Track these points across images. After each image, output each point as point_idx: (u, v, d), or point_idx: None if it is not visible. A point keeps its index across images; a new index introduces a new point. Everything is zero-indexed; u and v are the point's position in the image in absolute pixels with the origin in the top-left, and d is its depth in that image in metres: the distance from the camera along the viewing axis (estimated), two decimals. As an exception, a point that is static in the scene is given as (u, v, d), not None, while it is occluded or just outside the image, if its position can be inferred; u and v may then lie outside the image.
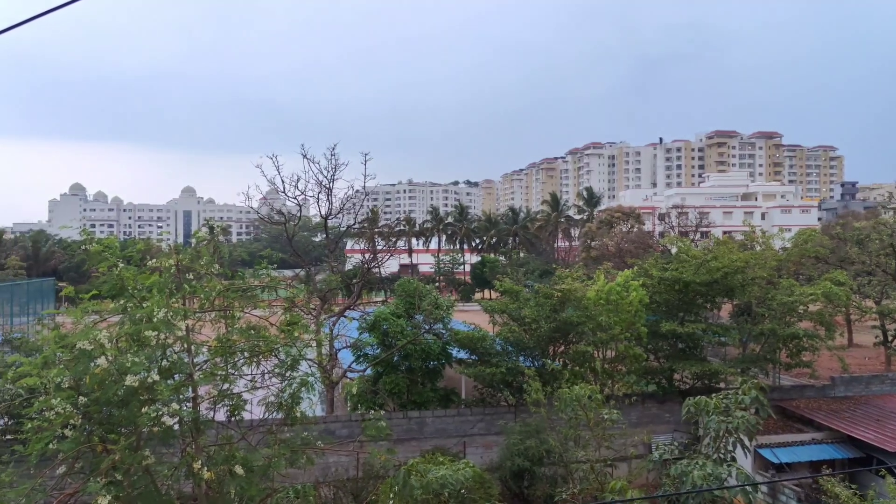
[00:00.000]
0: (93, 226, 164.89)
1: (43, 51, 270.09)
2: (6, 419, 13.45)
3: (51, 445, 6.37)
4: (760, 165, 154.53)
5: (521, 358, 18.72)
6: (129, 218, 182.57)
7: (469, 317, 24.27)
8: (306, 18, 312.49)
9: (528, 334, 18.56)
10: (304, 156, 19.79)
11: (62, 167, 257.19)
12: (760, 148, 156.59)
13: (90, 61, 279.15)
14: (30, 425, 6.65)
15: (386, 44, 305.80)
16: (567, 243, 75.84)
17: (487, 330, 19.51)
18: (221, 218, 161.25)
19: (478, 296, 62.61)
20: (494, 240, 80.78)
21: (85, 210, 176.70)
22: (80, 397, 6.50)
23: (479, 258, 72.45)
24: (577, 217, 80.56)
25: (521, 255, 75.64)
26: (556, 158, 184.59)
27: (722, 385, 19.71)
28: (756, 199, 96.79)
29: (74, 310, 7.23)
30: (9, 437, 11.40)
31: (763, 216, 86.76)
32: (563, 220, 78.49)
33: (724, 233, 55.21)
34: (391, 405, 18.63)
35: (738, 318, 21.72)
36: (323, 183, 19.98)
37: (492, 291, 53.83)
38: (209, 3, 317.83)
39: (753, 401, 11.80)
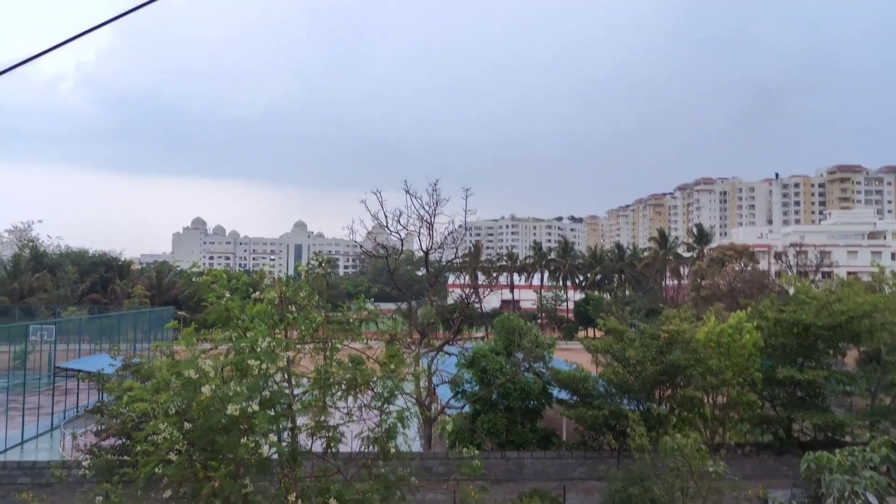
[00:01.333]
0: (211, 258, 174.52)
1: (165, 95, 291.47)
2: (122, 440, 14.20)
3: (157, 469, 6.57)
4: (889, 202, 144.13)
5: (625, 400, 18.00)
6: (245, 250, 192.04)
7: (571, 356, 23.70)
8: (409, 55, 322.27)
9: (633, 376, 17.85)
10: (407, 191, 20.14)
11: (185, 203, 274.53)
12: (889, 183, 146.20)
13: (212, 105, 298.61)
14: (139, 448, 6.91)
15: (485, 76, 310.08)
16: (675, 282, 73.19)
17: (590, 370, 18.93)
18: (329, 251, 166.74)
19: (581, 334, 61.29)
20: (599, 277, 79.10)
21: (205, 243, 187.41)
22: (186, 423, 6.69)
23: (583, 295, 71.06)
24: (687, 255, 77.72)
25: (627, 293, 73.59)
26: (664, 194, 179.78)
27: (848, 439, 18.16)
28: (885, 237, 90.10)
29: (184, 338, 7.52)
30: (123, 458, 11.98)
31: (893, 256, 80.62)
32: (671, 257, 75.93)
33: (849, 273, 51.61)
34: (489, 444, 18.32)
35: (866, 366, 20.07)
36: (424, 217, 20.23)
37: (595, 330, 52.57)
38: (323, 49, 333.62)
39: (884, 459, 10.73)
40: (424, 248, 20.65)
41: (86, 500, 6.86)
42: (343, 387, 7.70)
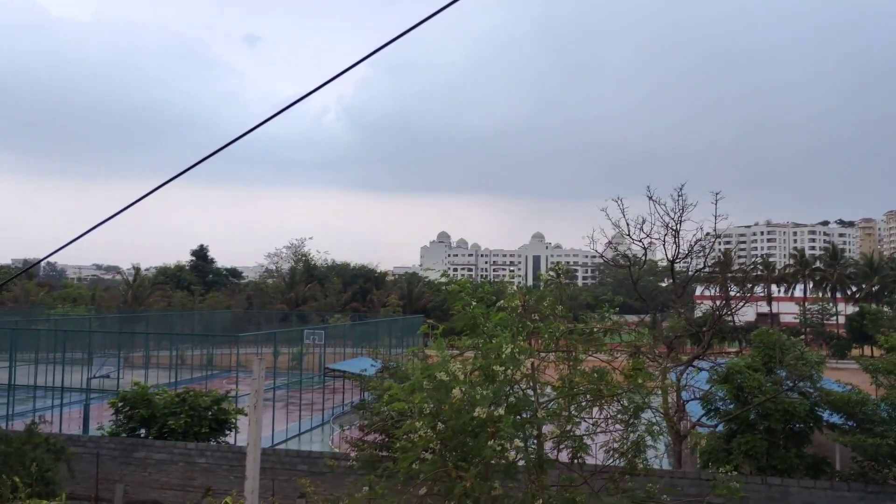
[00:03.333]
0: (455, 269, 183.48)
1: (409, 118, 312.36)
2: (383, 436, 15.40)
3: (414, 465, 6.99)
4: None
5: (915, 429, 15.55)
6: (486, 262, 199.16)
7: (844, 376, 21.08)
8: (643, 63, 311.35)
9: (925, 401, 15.38)
10: (650, 197, 19.40)
11: (431, 218, 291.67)
12: None
13: (450, 124, 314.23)
14: (398, 444, 7.42)
15: (724, 69, 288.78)
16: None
17: (869, 392, 16.67)
18: (567, 262, 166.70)
19: (855, 352, 54.39)
20: (876, 287, 69.68)
21: (449, 255, 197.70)
22: (439, 423, 7.04)
23: (857, 308, 63.03)
24: None
25: (912, 306, 63.92)
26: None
27: None
28: None
29: (435, 344, 7.95)
30: (384, 453, 12.93)
31: None
32: (970, 264, 64.60)
33: None
34: (747, 468, 16.90)
35: None
36: (669, 225, 19.31)
37: (873, 348, 46.29)
38: (554, 60, 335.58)
39: None
40: (669, 257, 19.71)
41: (353, 489, 7.51)
42: (588, 397, 7.59)
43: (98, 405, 25.00)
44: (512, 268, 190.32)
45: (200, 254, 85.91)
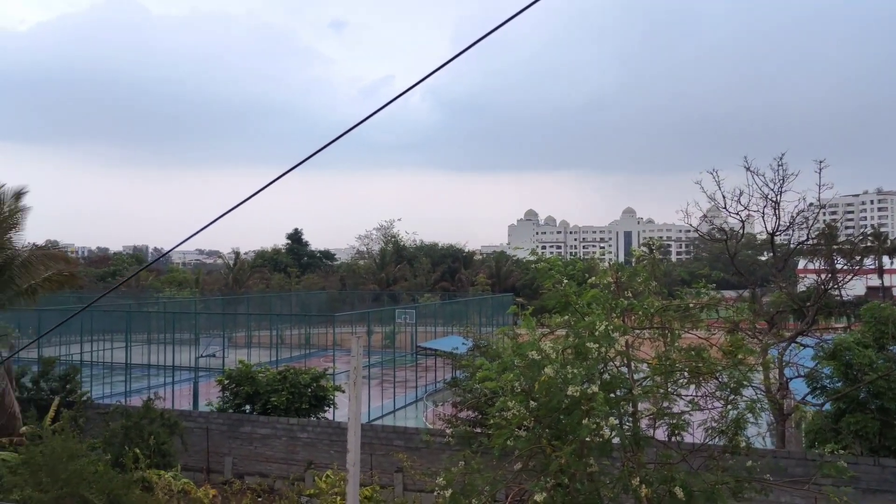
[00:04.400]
0: (543, 247, 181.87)
1: (492, 96, 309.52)
2: (476, 413, 15.61)
3: (508, 442, 7.08)
4: None
5: None
6: (575, 239, 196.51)
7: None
8: (737, 31, 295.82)
9: None
10: (748, 168, 18.60)
11: (518, 196, 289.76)
12: None
13: (535, 101, 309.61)
14: (492, 421, 7.52)
15: (830, 24, 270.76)
16: None
17: None
18: (660, 237, 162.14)
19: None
20: None
21: (537, 233, 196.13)
22: (531, 401, 7.09)
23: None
24: None
25: None
26: None
27: None
28: None
29: (526, 322, 7.98)
30: (477, 430, 13.13)
31: None
32: None
33: None
34: (858, 448, 16.13)
35: None
36: (769, 196, 18.48)
37: None
38: (641, 28, 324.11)
39: None
40: (769, 229, 18.88)
41: (450, 463, 7.68)
42: (685, 374, 7.45)
43: (206, 382, 26.44)
44: (602, 244, 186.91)
45: (295, 237, 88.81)
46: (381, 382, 30.26)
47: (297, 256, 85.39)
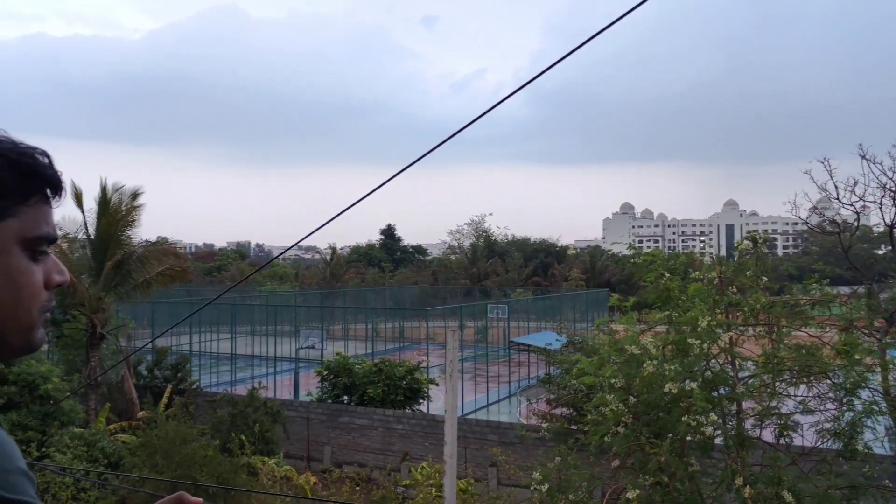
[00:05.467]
0: (640, 241, 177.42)
1: (587, 87, 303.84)
2: (571, 410, 15.44)
3: (606, 438, 6.98)
4: None
5: None
6: (674, 233, 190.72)
7: None
8: (851, 13, 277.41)
9: None
10: (863, 156, 17.46)
11: (613, 188, 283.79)
12: None
13: (633, 90, 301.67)
14: (589, 418, 7.43)
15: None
16: None
17: None
18: (765, 230, 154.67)
19: None
20: None
21: (633, 227, 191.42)
22: (631, 398, 6.95)
23: None
24: None
25: None
26: None
27: None
28: None
29: (624, 318, 7.82)
30: (573, 426, 12.99)
31: None
32: None
33: None
34: None
35: None
36: (887, 185, 17.29)
37: None
38: (749, 11, 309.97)
39: None
40: (888, 221, 17.68)
41: (545, 458, 7.65)
42: (795, 373, 7.11)
43: (305, 373, 27.35)
44: (703, 238, 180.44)
45: (388, 233, 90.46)
46: (473, 377, 30.39)
47: (390, 251, 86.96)
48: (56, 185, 0.93)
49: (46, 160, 0.92)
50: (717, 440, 6.99)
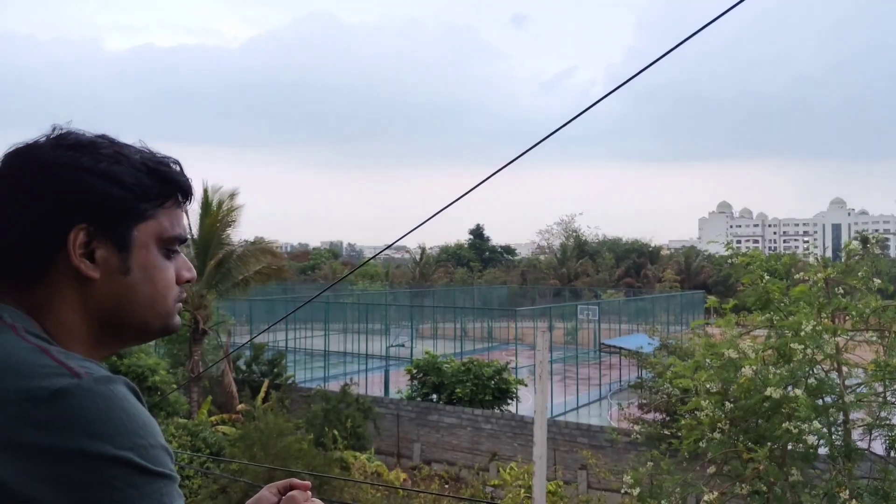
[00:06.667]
0: (738, 241, 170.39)
1: (687, 83, 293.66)
2: (664, 414, 15.02)
3: (700, 444, 6.77)
4: None
5: None
6: (774, 233, 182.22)
7: None
8: None
9: None
10: None
11: (711, 187, 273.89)
12: None
13: (736, 85, 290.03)
14: (683, 422, 7.22)
15: None
16: None
17: None
18: (876, 230, 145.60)
19: None
20: None
21: (731, 227, 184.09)
22: (727, 403, 6.72)
23: None
24: None
25: None
26: None
27: None
28: None
29: (723, 320, 7.55)
30: (665, 431, 12.66)
31: None
32: None
33: None
34: None
35: None
36: None
37: None
38: (868, 4, 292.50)
39: None
40: None
41: (637, 463, 7.49)
42: (910, 382, 6.68)
43: (395, 371, 27.79)
44: (807, 238, 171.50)
45: (477, 233, 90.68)
46: (563, 379, 30.01)
47: (478, 251, 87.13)
48: (187, 191, 1.06)
49: (178, 168, 1.04)
50: (822, 450, 6.65)
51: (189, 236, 19.82)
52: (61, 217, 0.93)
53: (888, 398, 6.77)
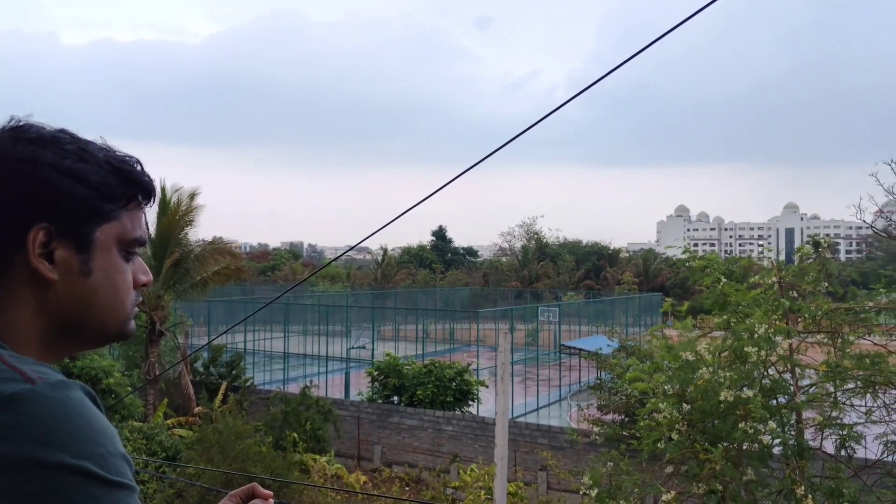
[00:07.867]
0: (695, 244, 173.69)
1: (644, 87, 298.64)
2: (623, 416, 15.23)
3: (659, 445, 6.86)
4: None
5: None
6: (730, 237, 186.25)
7: None
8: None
9: None
10: (933, 159, 16.76)
11: (668, 191, 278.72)
12: None
13: (692, 90, 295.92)
14: (641, 423, 7.31)
15: None
16: None
17: None
18: (827, 234, 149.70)
19: None
20: None
21: (688, 230, 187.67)
22: (684, 405, 6.83)
23: None
24: None
25: None
26: None
27: None
28: None
29: (681, 323, 7.67)
30: (624, 432, 12.83)
31: None
32: None
33: None
34: None
35: None
36: (959, 189, 16.56)
37: None
38: (813, 7, 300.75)
39: None
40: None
41: (596, 463, 7.56)
42: (859, 383, 6.87)
43: (356, 373, 27.65)
44: (761, 242, 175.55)
45: (440, 234, 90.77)
46: (523, 380, 30.23)
47: (441, 253, 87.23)
48: (150, 193, 1.02)
49: (140, 168, 1.00)
50: (776, 450, 6.80)
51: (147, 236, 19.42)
52: (21, 215, 0.88)
53: (839, 398, 6.96)
